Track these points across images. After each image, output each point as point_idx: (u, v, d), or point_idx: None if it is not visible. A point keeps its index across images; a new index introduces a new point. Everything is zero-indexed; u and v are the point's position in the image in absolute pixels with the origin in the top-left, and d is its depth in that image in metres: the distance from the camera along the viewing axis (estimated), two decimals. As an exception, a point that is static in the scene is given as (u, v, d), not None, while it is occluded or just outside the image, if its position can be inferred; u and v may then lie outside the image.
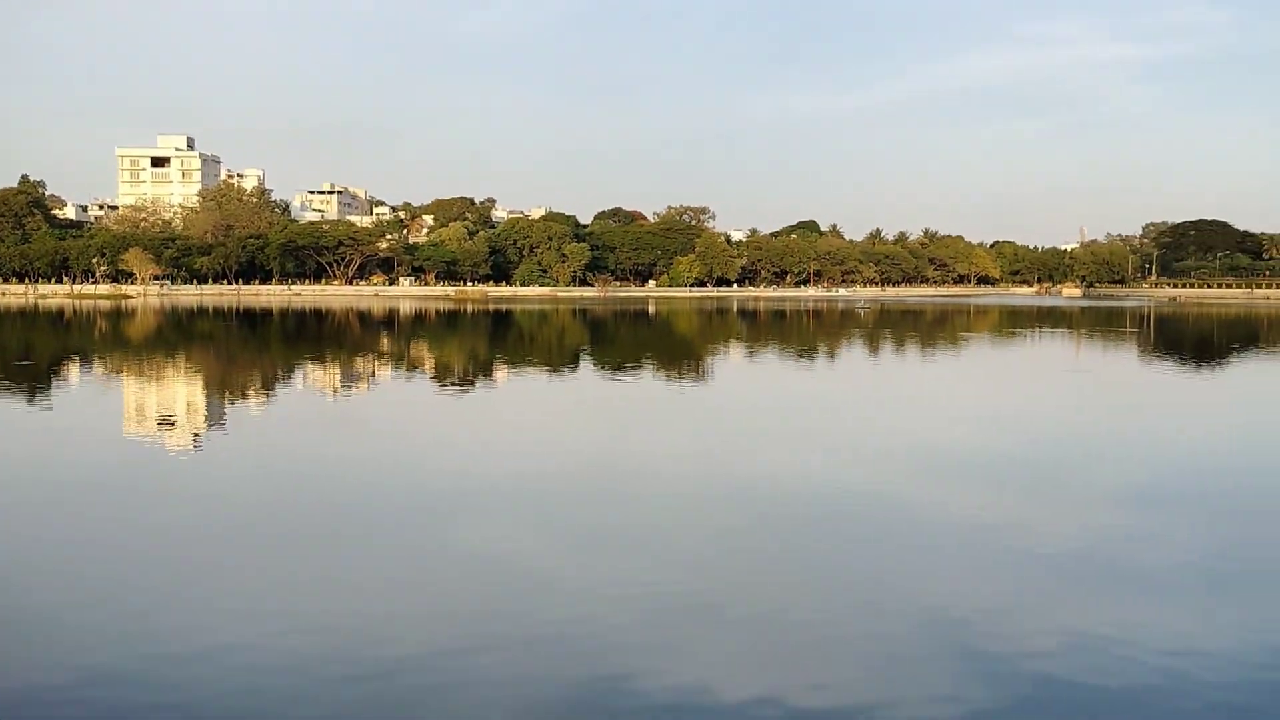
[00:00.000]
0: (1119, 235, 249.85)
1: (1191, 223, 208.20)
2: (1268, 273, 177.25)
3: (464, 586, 8.96)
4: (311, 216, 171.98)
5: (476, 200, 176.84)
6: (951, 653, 7.42)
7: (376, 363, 35.08)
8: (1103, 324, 70.53)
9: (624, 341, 50.30)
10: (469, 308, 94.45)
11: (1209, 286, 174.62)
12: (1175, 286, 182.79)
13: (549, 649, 7.45)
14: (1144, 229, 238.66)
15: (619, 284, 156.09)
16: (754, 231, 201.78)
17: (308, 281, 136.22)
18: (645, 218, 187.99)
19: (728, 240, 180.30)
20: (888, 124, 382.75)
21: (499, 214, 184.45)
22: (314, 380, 29.00)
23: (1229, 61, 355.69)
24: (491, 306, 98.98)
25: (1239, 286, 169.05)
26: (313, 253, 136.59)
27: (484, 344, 47.20)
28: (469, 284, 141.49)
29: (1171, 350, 43.87)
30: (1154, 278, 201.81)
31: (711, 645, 7.57)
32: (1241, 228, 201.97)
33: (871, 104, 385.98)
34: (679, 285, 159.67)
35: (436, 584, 9.04)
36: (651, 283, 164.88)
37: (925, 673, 7.07)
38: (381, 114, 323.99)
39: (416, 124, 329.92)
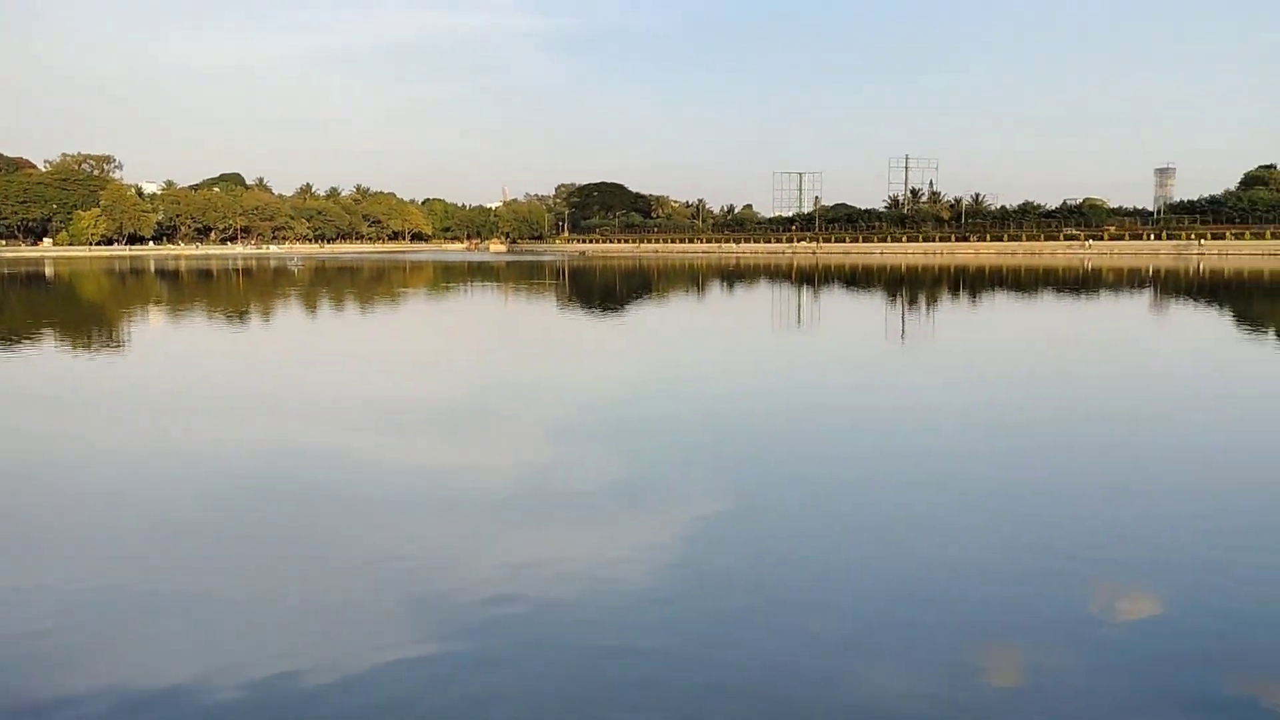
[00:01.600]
0: (536, 195, 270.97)
1: (595, 185, 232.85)
2: (656, 229, 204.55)
3: None
4: None
5: None
6: (406, 599, 7.75)
7: None
8: (526, 276, 76.39)
9: (12, 310, 43.55)
10: None
11: (610, 241, 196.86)
12: (583, 241, 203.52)
13: None
14: (556, 189, 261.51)
15: (4, 243, 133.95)
16: (170, 184, 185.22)
17: None
18: (34, 166, 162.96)
19: (139, 193, 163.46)
20: (310, 75, 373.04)
21: None
22: None
23: (618, 38, 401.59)
24: None
25: (633, 241, 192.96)
26: None
27: None
28: None
29: (593, 300, 48.90)
30: (566, 234, 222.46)
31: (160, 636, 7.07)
32: (635, 190, 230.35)
33: (291, 54, 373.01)
34: (82, 243, 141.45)
35: None
36: (47, 240, 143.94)
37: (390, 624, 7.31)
38: None
39: None
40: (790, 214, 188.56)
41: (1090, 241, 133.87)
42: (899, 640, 6.93)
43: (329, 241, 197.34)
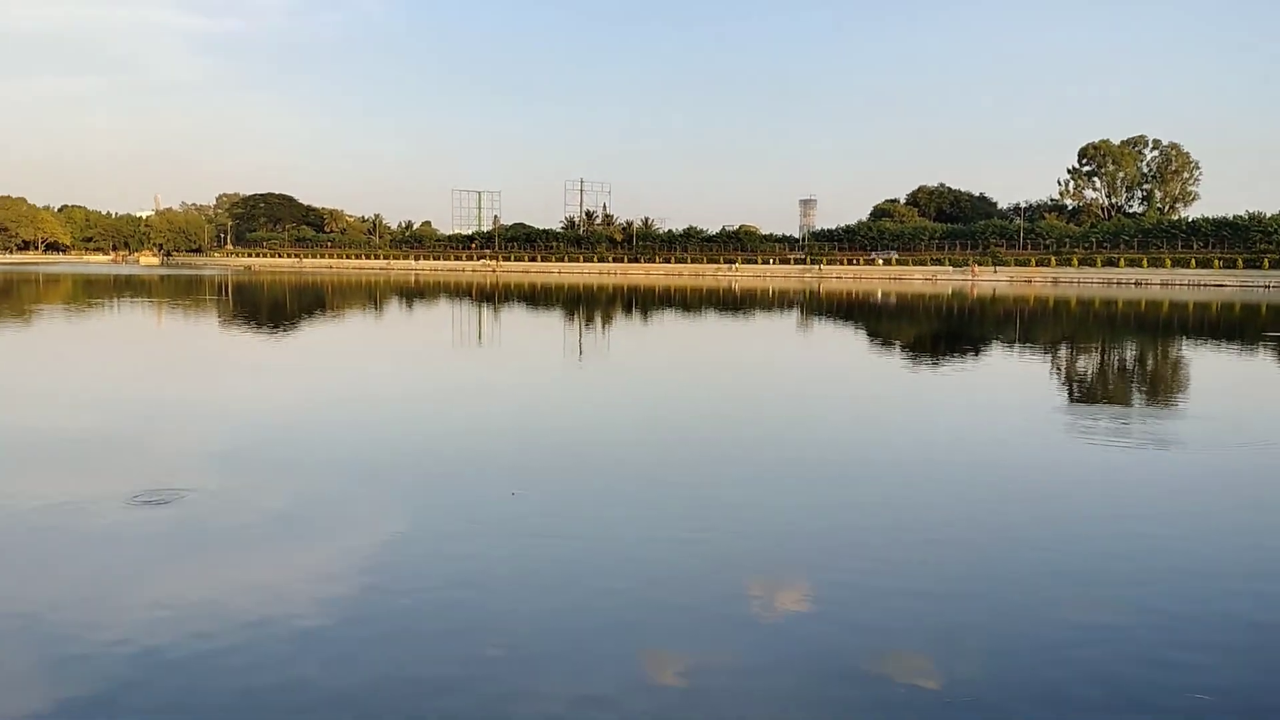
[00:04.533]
0: (194, 204, 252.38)
1: (261, 195, 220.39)
2: (330, 244, 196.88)
3: None
4: None
5: None
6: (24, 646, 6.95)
7: None
8: (184, 292, 70.77)
9: None
10: None
11: (280, 256, 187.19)
12: (250, 255, 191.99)
13: None
14: (218, 199, 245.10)
15: None
16: None
17: None
18: None
19: None
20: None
21: None
22: None
23: (283, 46, 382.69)
24: None
25: (304, 256, 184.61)
26: None
27: None
28: None
29: (261, 317, 46.12)
30: (230, 246, 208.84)
31: None
32: (306, 203, 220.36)
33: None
34: None
35: None
36: None
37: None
38: None
39: None
40: (470, 232, 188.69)
41: (734, 265, 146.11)
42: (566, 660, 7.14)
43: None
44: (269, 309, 54.08)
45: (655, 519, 10.49)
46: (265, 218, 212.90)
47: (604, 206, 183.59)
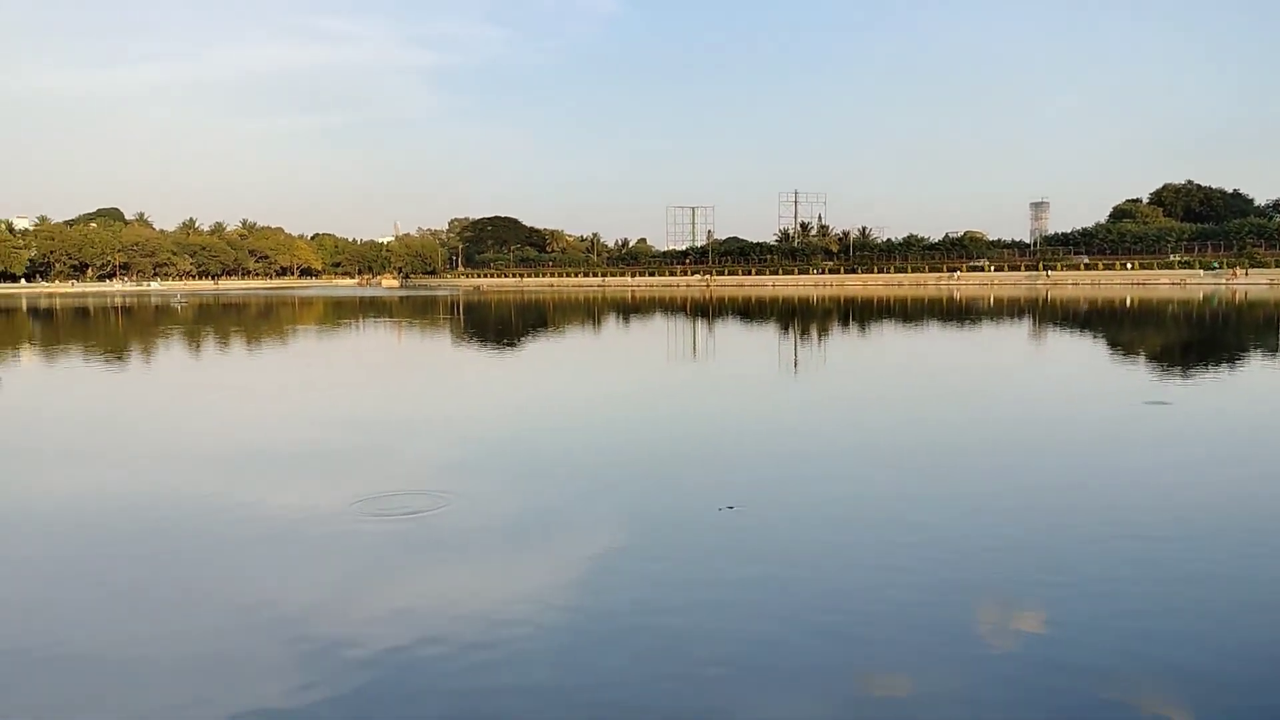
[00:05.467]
0: (429, 229, 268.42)
1: (489, 219, 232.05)
2: (551, 263, 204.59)
3: None
4: None
5: None
6: (279, 646, 7.49)
7: None
8: (420, 312, 75.39)
9: None
10: None
11: (505, 276, 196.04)
12: (478, 276, 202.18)
13: None
14: (450, 224, 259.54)
15: None
16: (44, 219, 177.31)
17: None
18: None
19: (10, 229, 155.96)
20: (188, 108, 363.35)
21: None
22: None
23: (503, 76, 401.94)
24: None
25: (528, 275, 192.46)
26: None
27: None
28: None
29: (489, 334, 48.50)
30: (461, 268, 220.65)
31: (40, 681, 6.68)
32: (530, 224, 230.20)
33: (167, 85, 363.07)
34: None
35: None
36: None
37: (268, 677, 7.05)
38: None
39: None
40: (684, 248, 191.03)
41: (956, 274, 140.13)
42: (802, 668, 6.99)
43: (213, 278, 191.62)
44: (496, 326, 56.70)
45: (870, 540, 10.14)
46: (492, 240, 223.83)
47: (819, 217, 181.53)
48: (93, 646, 7.46)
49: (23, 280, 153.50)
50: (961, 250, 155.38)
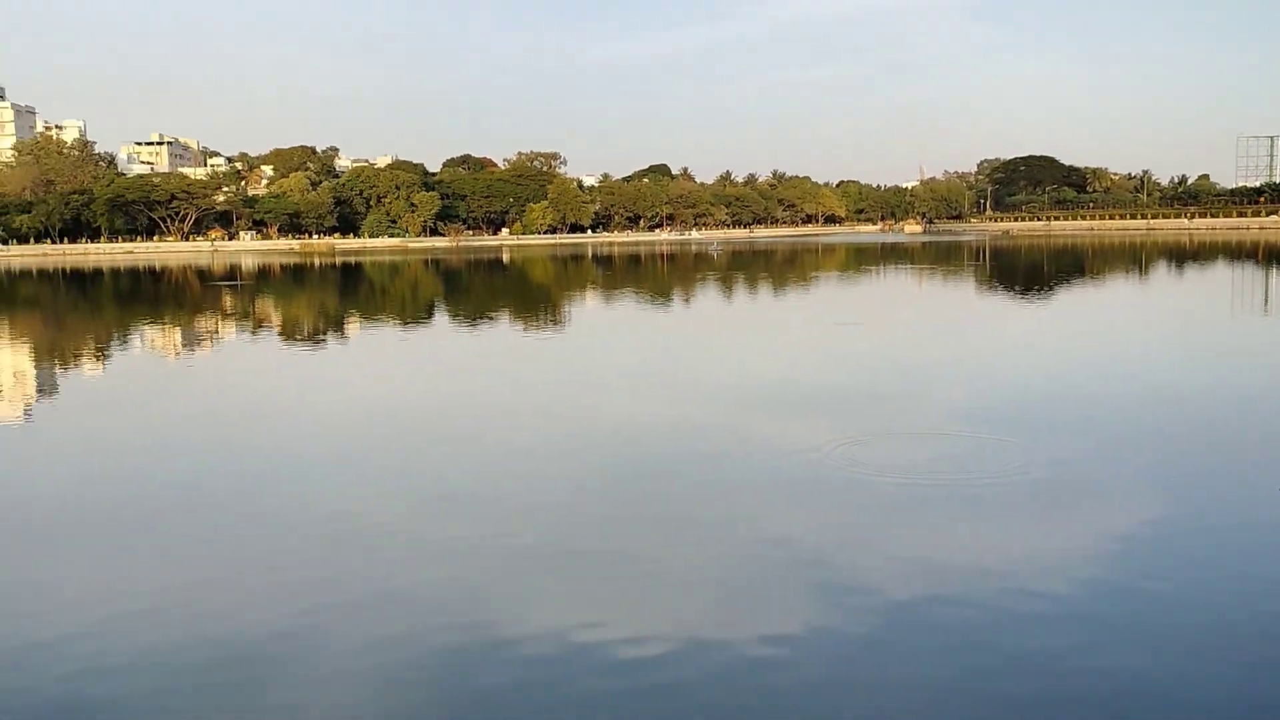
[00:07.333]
0: (956, 172, 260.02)
1: (1021, 159, 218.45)
2: (1090, 205, 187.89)
3: (317, 550, 8.72)
4: (140, 169, 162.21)
5: (318, 149, 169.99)
6: (806, 586, 7.68)
7: (219, 322, 33.56)
8: (943, 258, 73.61)
9: (479, 291, 49.60)
10: (315, 261, 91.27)
11: (1039, 219, 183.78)
12: (1008, 220, 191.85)
13: (408, 607, 7.35)
14: (979, 165, 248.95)
15: (470, 233, 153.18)
16: (606, 176, 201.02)
17: (140, 238, 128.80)
18: (496, 165, 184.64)
19: (580, 186, 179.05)
20: (731, 64, 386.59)
21: (343, 163, 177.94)
22: (152, 343, 27.52)
23: (1045, 6, 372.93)
24: (339, 259, 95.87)
25: (1064, 218, 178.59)
26: (144, 207, 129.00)
27: (333, 298, 45.75)
28: (314, 236, 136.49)
29: (1016, 283, 46.14)
30: (989, 212, 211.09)
31: (573, 592, 7.63)
32: (1068, 163, 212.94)
33: (715, 43, 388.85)
34: (532, 233, 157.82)
35: (289, 549, 8.76)
36: (505, 231, 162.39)
37: (781, 606, 7.30)
38: (201, 61, 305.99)
39: (237, 70, 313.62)
40: (1258, 184, 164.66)
41: None
42: None
43: (744, 226, 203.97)
44: (1025, 274, 53.48)
45: None
46: (1025, 180, 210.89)
47: None
48: (610, 556, 8.30)
49: (588, 231, 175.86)
50: None
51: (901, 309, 34.86)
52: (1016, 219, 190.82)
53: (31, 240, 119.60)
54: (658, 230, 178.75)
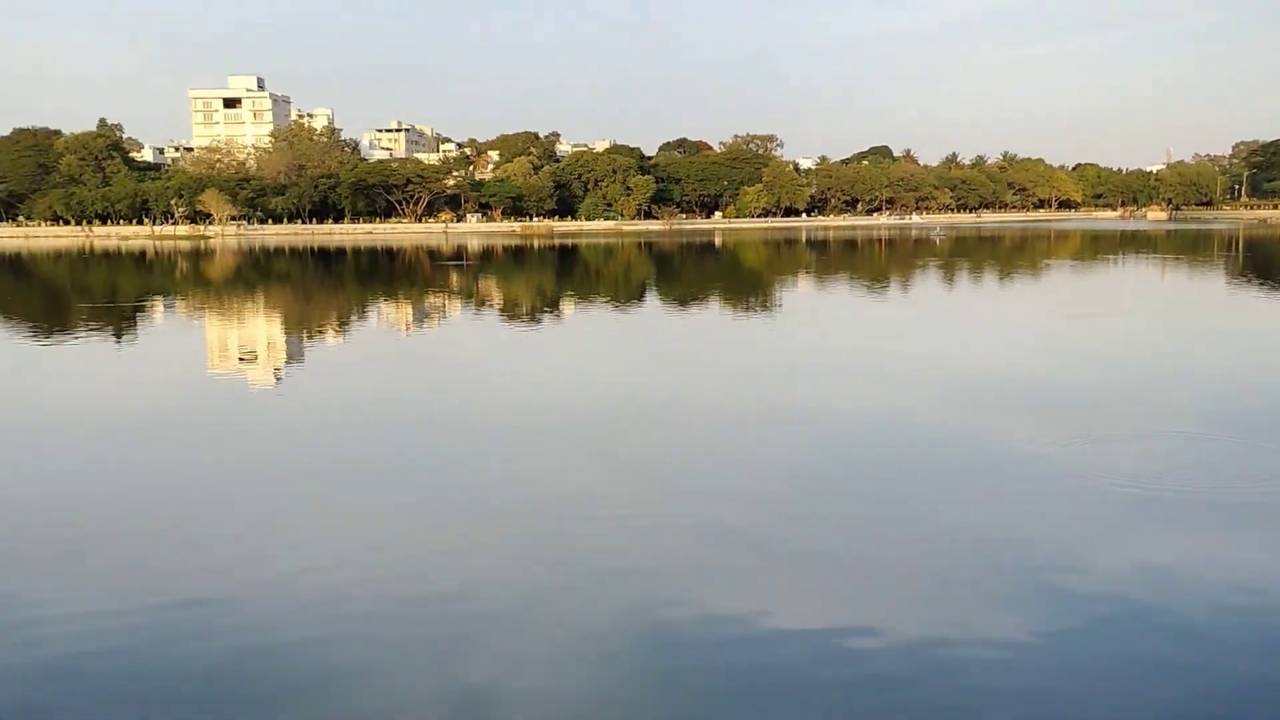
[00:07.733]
0: (1207, 155, 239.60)
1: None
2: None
3: (524, 518, 9.09)
4: (380, 155, 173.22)
5: (541, 135, 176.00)
6: (1011, 583, 7.35)
7: (446, 299, 35.46)
8: (1189, 248, 67.92)
9: (690, 274, 50.02)
10: (535, 243, 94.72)
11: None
12: (1267, 208, 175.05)
13: (604, 579, 7.57)
14: (1234, 148, 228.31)
15: (684, 216, 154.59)
16: (823, 159, 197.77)
17: (378, 220, 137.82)
18: (711, 148, 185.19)
19: (796, 169, 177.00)
20: (958, 42, 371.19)
21: (563, 148, 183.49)
22: (387, 317, 29.46)
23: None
24: (557, 241, 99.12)
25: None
26: (382, 191, 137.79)
27: (550, 279, 47.36)
28: (534, 219, 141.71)
29: (1261, 275, 42.20)
30: (1245, 198, 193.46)
31: (766, 577, 7.61)
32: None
33: (941, 22, 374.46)
34: (745, 216, 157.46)
35: (497, 515, 9.18)
36: (718, 214, 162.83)
37: (983, 604, 7.01)
38: (434, 50, 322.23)
39: (471, 58, 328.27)
40: None
41: None
42: None
43: (970, 210, 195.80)
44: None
45: None
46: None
47: None
48: (832, 547, 8.17)
49: (803, 215, 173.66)
50: None
51: (1141, 301, 32.50)
52: (1276, 207, 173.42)
53: (285, 220, 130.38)
54: (876, 214, 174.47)
